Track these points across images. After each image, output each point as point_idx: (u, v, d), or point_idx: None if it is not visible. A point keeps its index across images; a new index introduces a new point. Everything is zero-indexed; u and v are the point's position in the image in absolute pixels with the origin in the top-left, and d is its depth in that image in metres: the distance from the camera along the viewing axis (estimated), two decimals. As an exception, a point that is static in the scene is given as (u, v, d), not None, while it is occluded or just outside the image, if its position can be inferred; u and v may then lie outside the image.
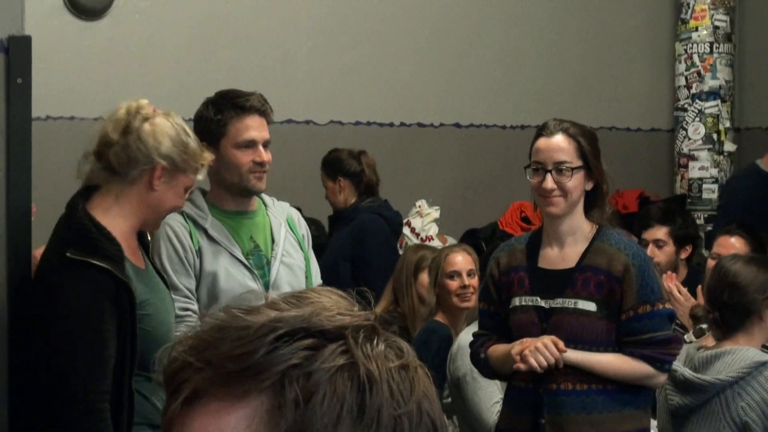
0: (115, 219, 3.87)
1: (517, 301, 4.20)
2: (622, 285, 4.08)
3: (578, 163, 4.16)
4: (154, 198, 3.94)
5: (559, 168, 4.14)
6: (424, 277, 5.55)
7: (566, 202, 4.19)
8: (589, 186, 4.22)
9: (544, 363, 4.08)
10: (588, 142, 4.23)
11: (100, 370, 3.81)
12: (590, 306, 4.14)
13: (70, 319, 3.81)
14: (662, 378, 4.20)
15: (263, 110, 4.43)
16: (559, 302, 4.15)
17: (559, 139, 4.19)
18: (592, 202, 4.23)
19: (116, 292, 3.81)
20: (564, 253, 4.22)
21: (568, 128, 4.22)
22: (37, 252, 4.25)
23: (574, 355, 4.15)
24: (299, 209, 5.07)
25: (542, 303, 4.17)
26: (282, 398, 1.21)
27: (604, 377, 4.19)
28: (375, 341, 1.28)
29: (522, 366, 4.12)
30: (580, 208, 4.21)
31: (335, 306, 1.32)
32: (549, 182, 4.12)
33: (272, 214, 4.60)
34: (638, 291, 4.07)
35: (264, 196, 4.58)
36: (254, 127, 4.39)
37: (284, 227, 4.60)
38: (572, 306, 4.15)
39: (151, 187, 3.89)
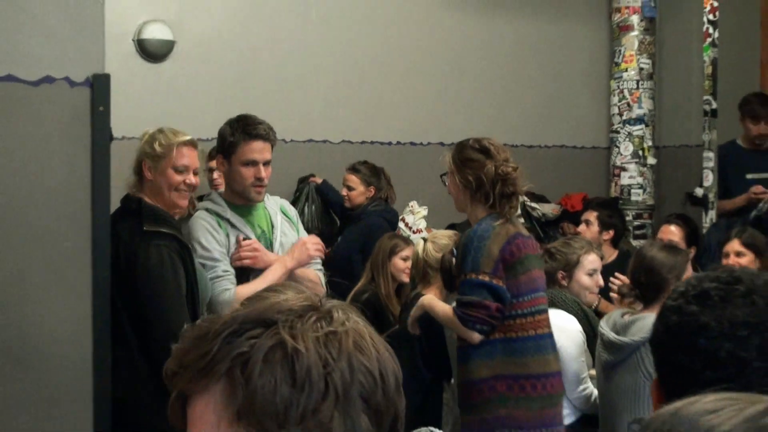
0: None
1: None
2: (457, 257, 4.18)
3: (448, 170, 4.27)
4: (154, 187, 4.17)
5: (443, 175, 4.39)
6: (397, 260, 5.54)
7: (456, 200, 4.33)
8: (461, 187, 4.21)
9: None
10: (456, 153, 4.27)
11: (180, 303, 4.02)
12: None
13: (159, 275, 4.03)
14: (472, 334, 4.03)
15: (267, 137, 4.46)
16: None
17: (443, 157, 4.36)
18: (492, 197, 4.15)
19: (180, 249, 4.08)
20: None
21: (451, 149, 4.33)
22: None
23: (427, 301, 4.34)
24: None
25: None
26: (233, 381, 1.28)
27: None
28: (307, 318, 1.32)
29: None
30: (467, 201, 4.23)
31: (286, 298, 1.37)
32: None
33: (269, 206, 4.65)
34: (461, 263, 4.10)
35: None
36: (257, 150, 4.42)
37: (279, 215, 4.64)
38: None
39: (146, 178, 4.17)
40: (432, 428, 1.49)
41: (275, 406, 1.26)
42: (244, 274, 4.35)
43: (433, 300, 4.28)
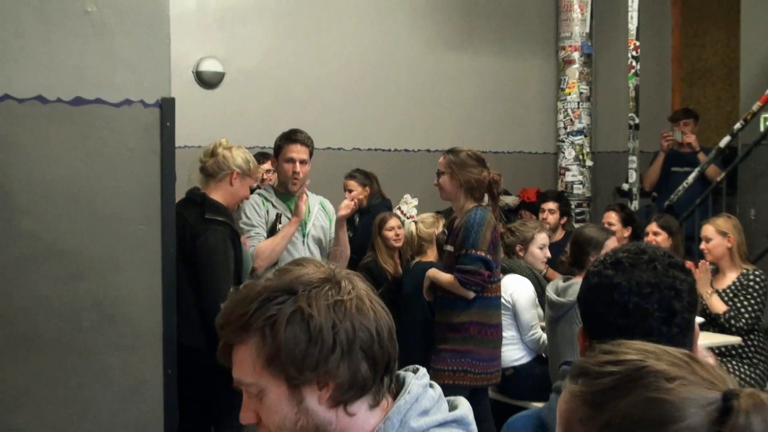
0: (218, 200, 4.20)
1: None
2: (458, 236, 4.18)
3: (445, 170, 4.26)
4: (234, 193, 4.23)
5: (437, 173, 4.34)
6: (385, 232, 5.48)
7: (444, 192, 4.32)
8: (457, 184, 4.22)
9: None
10: (453, 158, 4.26)
11: (228, 274, 4.06)
12: (450, 248, 4.28)
13: (214, 251, 4.06)
14: (468, 293, 4.12)
15: (304, 142, 4.56)
16: (448, 247, 4.34)
17: (440, 159, 4.33)
18: (478, 193, 4.23)
19: (231, 234, 4.13)
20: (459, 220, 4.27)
21: (449, 151, 4.32)
22: None
23: (432, 274, 4.34)
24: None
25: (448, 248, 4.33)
26: (264, 336, 1.35)
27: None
28: (321, 288, 1.37)
29: None
30: (459, 196, 4.24)
31: (306, 272, 1.40)
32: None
33: (310, 199, 4.69)
34: (463, 240, 4.12)
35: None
36: (295, 151, 4.53)
37: (317, 207, 4.69)
38: (449, 249, 4.29)
39: (230, 185, 4.21)
40: (417, 366, 1.49)
41: (295, 356, 1.34)
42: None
43: (436, 272, 4.29)
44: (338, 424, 1.38)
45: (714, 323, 4.80)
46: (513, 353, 4.70)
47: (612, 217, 5.71)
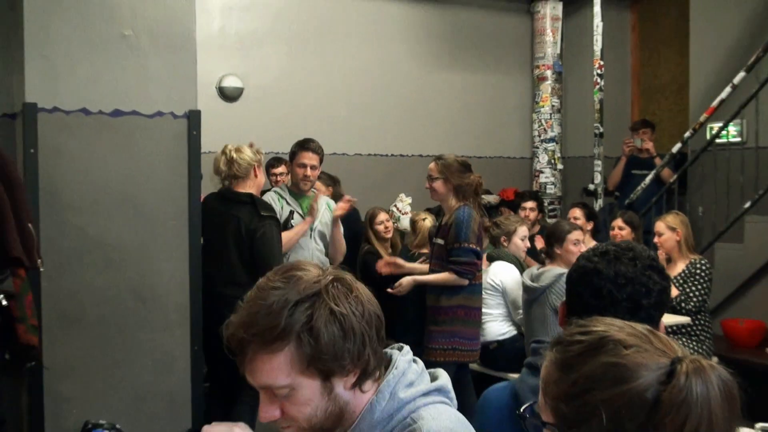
0: None
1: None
2: (449, 231, 4.14)
3: (438, 176, 4.21)
4: (258, 181, 4.21)
5: (429, 177, 4.28)
6: (376, 225, 5.40)
7: (437, 194, 4.26)
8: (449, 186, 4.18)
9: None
10: (443, 165, 4.21)
11: (282, 257, 4.11)
12: (440, 241, 4.22)
13: (272, 242, 4.03)
14: (463, 281, 4.09)
15: (315, 150, 4.55)
16: (438, 240, 4.28)
17: (431, 165, 4.28)
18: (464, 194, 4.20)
19: (277, 226, 4.13)
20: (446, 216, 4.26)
21: (438, 158, 4.27)
22: None
23: (420, 278, 4.26)
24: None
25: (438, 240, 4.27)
26: (302, 342, 1.28)
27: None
28: (336, 287, 1.33)
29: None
30: (449, 196, 4.20)
31: (315, 274, 1.34)
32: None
33: (318, 200, 4.71)
34: (455, 235, 4.09)
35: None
36: (306, 157, 4.52)
37: (324, 207, 4.66)
38: (440, 242, 4.24)
39: (255, 176, 4.18)
40: (402, 344, 1.48)
41: (336, 354, 1.29)
42: None
43: (417, 279, 4.23)
44: (354, 402, 1.36)
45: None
46: (499, 328, 4.65)
47: (576, 213, 5.70)
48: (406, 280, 4.24)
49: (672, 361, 1.04)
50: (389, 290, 4.19)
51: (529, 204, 6.25)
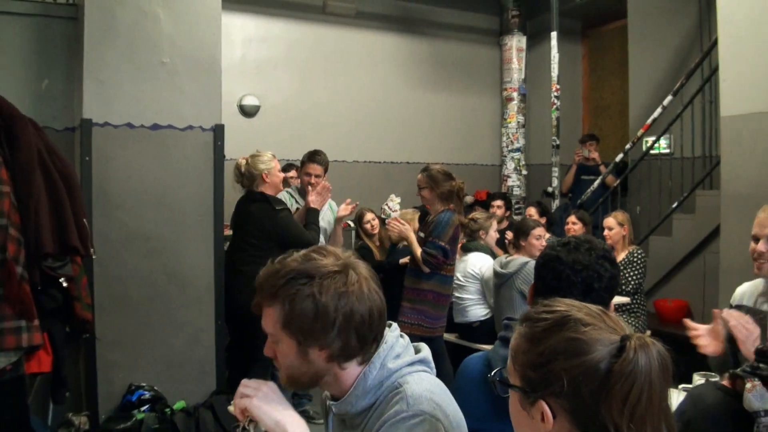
0: None
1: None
2: (429, 228, 4.02)
3: (425, 185, 4.05)
4: (272, 183, 3.98)
5: (418, 187, 4.07)
6: (364, 224, 5.28)
7: (425, 200, 4.04)
8: (436, 192, 4.03)
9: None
10: (429, 176, 4.06)
11: (301, 233, 3.86)
12: (422, 234, 4.08)
13: (288, 223, 3.86)
14: (425, 268, 3.95)
15: (320, 162, 4.40)
16: (420, 234, 4.15)
17: (419, 177, 4.09)
18: (448, 198, 4.06)
19: (290, 214, 3.97)
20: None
21: (424, 170, 4.10)
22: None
23: (411, 238, 4.08)
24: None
25: (420, 233, 4.15)
26: (283, 307, 1.31)
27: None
28: (333, 278, 1.31)
29: None
30: (435, 201, 4.06)
31: (326, 263, 1.33)
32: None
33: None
34: (431, 232, 3.98)
35: None
36: (312, 169, 4.36)
37: (326, 206, 4.50)
38: (421, 235, 4.11)
39: (266, 181, 3.95)
40: (390, 321, 1.44)
41: (302, 327, 1.30)
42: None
43: (414, 243, 4.06)
44: (333, 372, 1.36)
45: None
46: (480, 311, 4.53)
47: (532, 211, 5.66)
48: (402, 227, 4.12)
49: (622, 338, 1.05)
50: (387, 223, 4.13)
51: (498, 203, 6.20)
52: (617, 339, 1.05)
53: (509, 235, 4.98)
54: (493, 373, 1.19)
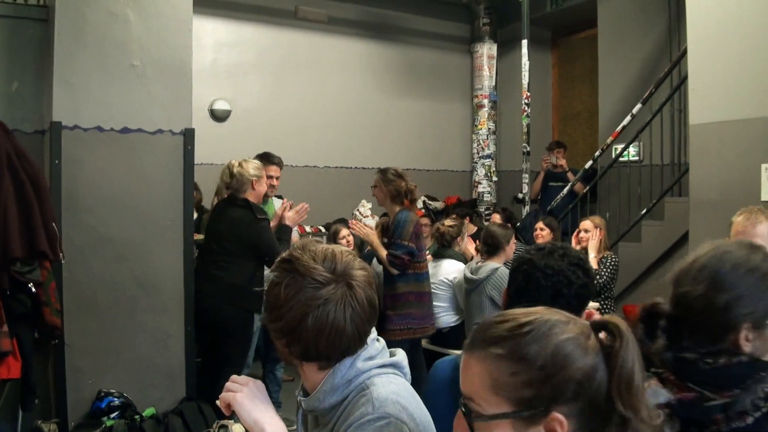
0: None
1: None
2: (390, 230, 4.05)
3: (375, 184, 4.15)
4: (257, 192, 4.04)
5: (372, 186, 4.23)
6: (339, 240, 5.14)
7: (378, 200, 4.20)
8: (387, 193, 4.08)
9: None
10: (380, 174, 4.14)
11: (277, 245, 3.90)
12: (385, 240, 4.12)
13: (266, 235, 3.89)
14: (392, 270, 3.99)
15: (278, 163, 4.55)
16: (384, 239, 4.16)
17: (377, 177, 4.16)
18: (399, 198, 4.10)
19: (268, 224, 3.98)
20: None
21: (378, 171, 4.19)
22: None
23: (375, 242, 4.08)
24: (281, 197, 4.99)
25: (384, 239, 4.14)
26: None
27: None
28: (336, 292, 1.32)
29: None
30: (387, 201, 4.10)
31: (321, 272, 1.34)
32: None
33: (274, 201, 4.72)
34: (393, 233, 4.00)
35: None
36: (272, 170, 4.47)
37: (270, 200, 4.60)
38: (385, 240, 4.09)
39: (253, 188, 4.02)
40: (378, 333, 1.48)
41: (278, 317, 1.32)
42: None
43: (379, 247, 4.07)
44: (311, 370, 1.37)
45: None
46: (450, 318, 4.55)
47: (496, 218, 5.68)
48: (365, 230, 4.15)
49: (598, 324, 1.05)
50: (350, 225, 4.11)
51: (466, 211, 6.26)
52: (588, 327, 1.04)
53: (473, 243, 5.03)
54: (465, 414, 1.05)
